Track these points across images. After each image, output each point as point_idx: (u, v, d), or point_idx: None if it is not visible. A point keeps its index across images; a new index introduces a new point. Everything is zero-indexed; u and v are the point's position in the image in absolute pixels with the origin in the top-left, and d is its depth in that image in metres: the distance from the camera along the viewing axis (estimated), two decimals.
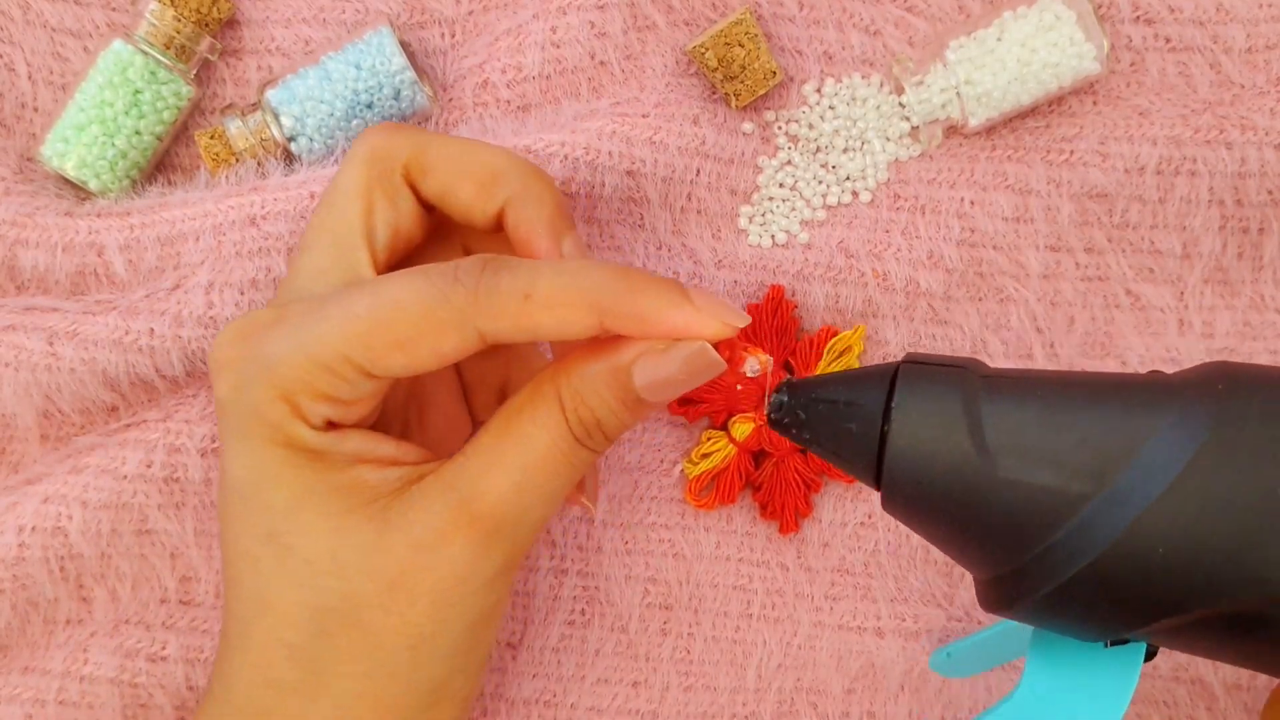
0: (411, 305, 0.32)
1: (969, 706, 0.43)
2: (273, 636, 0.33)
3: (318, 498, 0.33)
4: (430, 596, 0.33)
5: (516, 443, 0.33)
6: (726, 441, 0.42)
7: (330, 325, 0.32)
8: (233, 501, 0.34)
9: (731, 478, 0.42)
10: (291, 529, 0.33)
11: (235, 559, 0.34)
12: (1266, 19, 0.42)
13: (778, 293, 0.42)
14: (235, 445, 0.34)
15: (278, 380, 0.32)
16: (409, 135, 0.36)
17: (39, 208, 0.41)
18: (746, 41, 0.41)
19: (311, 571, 0.33)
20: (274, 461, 0.33)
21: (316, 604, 0.33)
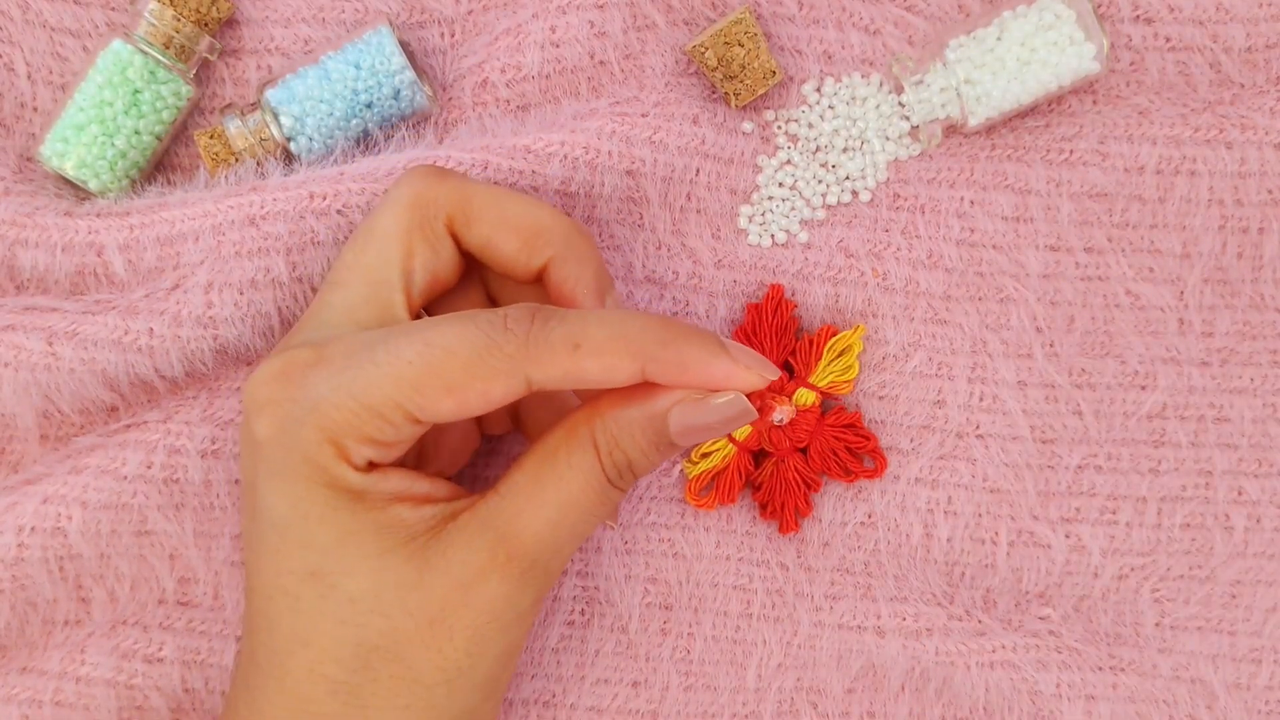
0: (462, 352, 0.33)
1: (969, 706, 0.43)
2: (314, 670, 0.34)
3: (359, 538, 0.34)
4: (468, 633, 0.34)
5: (552, 484, 0.34)
6: (726, 441, 0.42)
7: (380, 371, 0.33)
8: (269, 538, 0.34)
9: (731, 477, 0.42)
10: (335, 568, 0.33)
11: (272, 595, 0.34)
12: (1266, 18, 0.42)
13: (777, 292, 0.42)
14: (275, 484, 0.34)
15: (325, 423, 0.33)
16: (454, 183, 0.36)
17: (38, 207, 0.41)
18: (746, 41, 0.41)
19: (355, 610, 0.33)
20: (318, 502, 0.33)
21: (359, 640, 0.34)
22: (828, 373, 0.42)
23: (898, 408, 0.43)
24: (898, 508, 0.44)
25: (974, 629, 0.42)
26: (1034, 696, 0.42)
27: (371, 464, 0.34)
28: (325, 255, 0.40)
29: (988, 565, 0.44)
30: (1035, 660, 0.42)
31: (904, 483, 0.44)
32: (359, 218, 0.40)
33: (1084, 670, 0.42)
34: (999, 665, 0.42)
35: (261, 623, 0.35)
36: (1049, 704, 0.42)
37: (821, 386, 0.42)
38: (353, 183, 0.39)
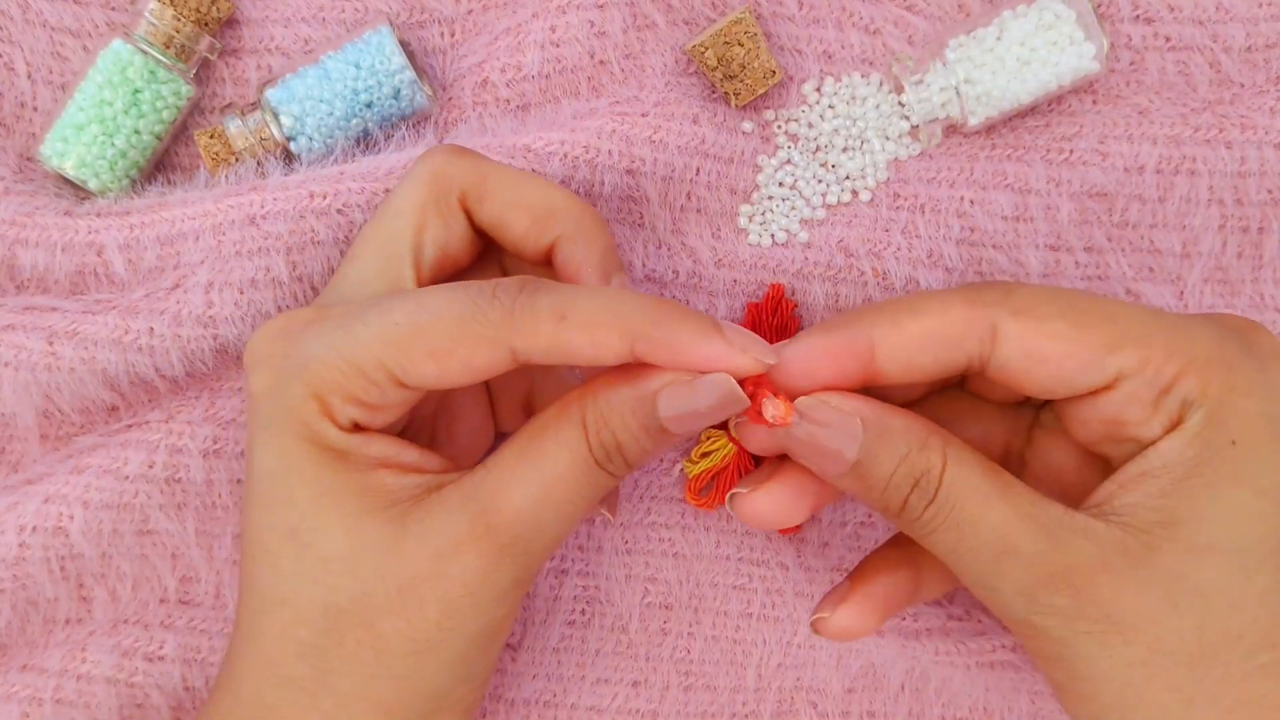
0: (448, 317, 0.33)
1: (968, 706, 0.43)
2: (286, 633, 0.34)
3: (338, 497, 0.33)
4: (439, 605, 0.33)
5: (538, 459, 0.33)
6: (726, 441, 0.42)
7: (367, 329, 0.33)
8: (257, 493, 0.34)
9: (731, 477, 0.42)
10: (311, 526, 0.33)
11: (255, 553, 0.34)
12: (1266, 18, 0.42)
13: (777, 291, 0.42)
14: (264, 438, 0.34)
15: (311, 378, 0.33)
16: (471, 161, 0.37)
17: (38, 207, 0.41)
18: (746, 40, 0.41)
19: (327, 570, 0.33)
20: (300, 457, 0.33)
21: (329, 602, 0.33)
22: None
23: None
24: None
25: (973, 629, 0.42)
26: (1034, 696, 0.42)
27: (357, 425, 0.34)
28: (325, 254, 0.40)
29: None
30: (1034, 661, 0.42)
31: None
32: (359, 217, 0.40)
33: None
34: (999, 665, 0.42)
35: (246, 583, 0.35)
36: (1049, 703, 0.42)
37: None
38: (353, 182, 0.39)
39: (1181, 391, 0.32)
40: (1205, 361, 0.32)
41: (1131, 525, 0.32)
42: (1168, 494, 0.32)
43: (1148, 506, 0.32)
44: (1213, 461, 0.32)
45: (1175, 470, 0.32)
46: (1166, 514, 0.32)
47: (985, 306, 0.33)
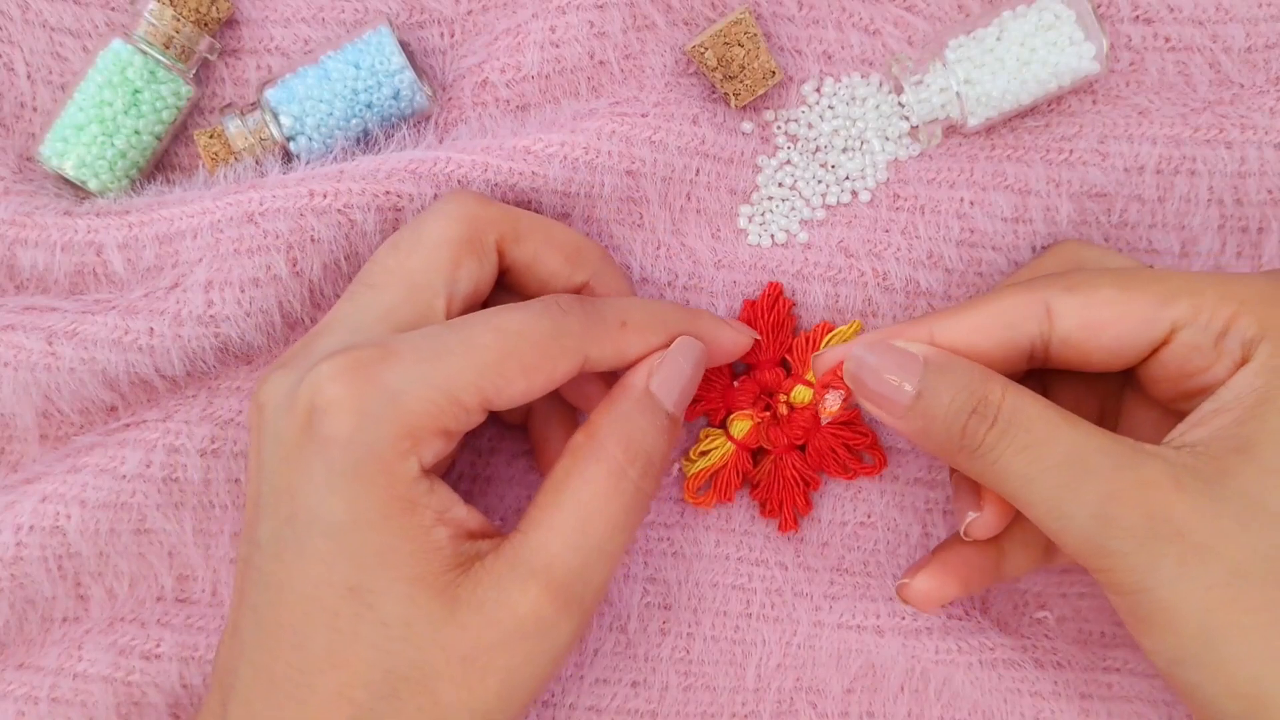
0: (534, 335, 0.35)
1: (968, 707, 0.43)
2: (341, 693, 0.33)
3: (399, 556, 0.33)
4: (501, 674, 0.33)
5: (572, 507, 0.35)
6: (725, 439, 0.42)
7: (459, 360, 0.34)
8: (316, 546, 0.33)
9: (729, 476, 0.42)
10: (374, 586, 0.33)
11: (308, 610, 0.33)
12: (1266, 18, 0.42)
13: (775, 290, 0.42)
14: (340, 485, 0.33)
15: (405, 415, 0.33)
16: (502, 207, 0.38)
17: (38, 207, 0.41)
18: (746, 41, 0.41)
19: (387, 635, 0.33)
20: (375, 508, 0.33)
21: (390, 667, 0.33)
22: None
23: None
24: (897, 507, 0.44)
25: (973, 628, 0.42)
26: (1034, 696, 0.42)
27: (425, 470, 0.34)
28: (325, 253, 0.40)
29: None
30: (1034, 659, 0.42)
31: (903, 482, 0.44)
32: (359, 216, 0.40)
33: (1080, 669, 0.42)
34: (999, 664, 0.42)
35: (288, 639, 0.33)
36: (1049, 703, 0.42)
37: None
38: (353, 181, 0.39)
39: (1239, 332, 0.34)
40: (1258, 301, 0.34)
41: (1205, 454, 0.33)
42: (1241, 422, 0.33)
43: (1221, 437, 0.33)
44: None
45: (1246, 400, 0.33)
46: (1239, 440, 0.32)
47: (1037, 290, 0.35)
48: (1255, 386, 0.33)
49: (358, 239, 0.40)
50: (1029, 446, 0.33)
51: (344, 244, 0.40)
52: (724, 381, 0.42)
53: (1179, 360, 0.35)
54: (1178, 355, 0.35)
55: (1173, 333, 0.34)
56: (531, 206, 0.42)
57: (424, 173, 0.40)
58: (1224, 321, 0.34)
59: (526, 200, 0.41)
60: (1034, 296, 0.35)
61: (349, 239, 0.40)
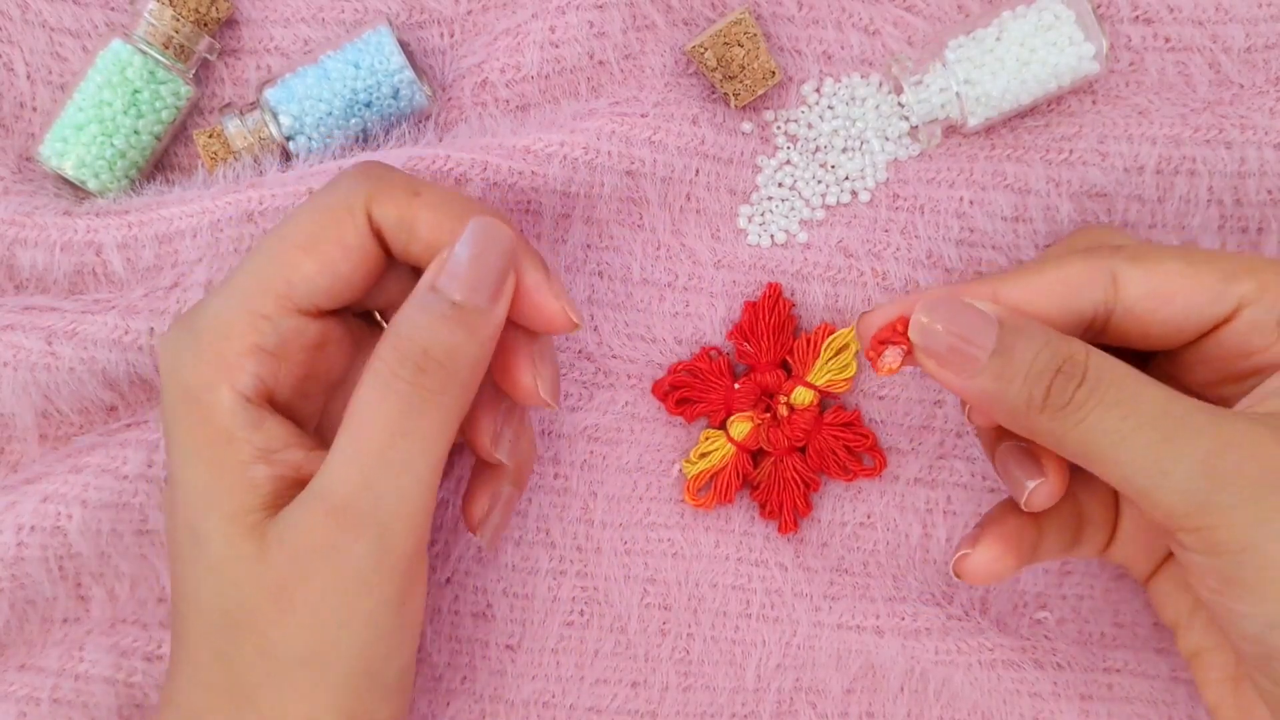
0: (307, 210, 0.34)
1: (967, 707, 0.43)
2: (202, 637, 0.33)
3: (218, 494, 0.33)
4: (309, 609, 0.32)
5: (348, 423, 0.32)
6: (725, 441, 0.42)
7: (245, 270, 0.34)
8: (169, 490, 0.34)
9: (729, 477, 0.42)
10: (202, 524, 0.33)
11: (173, 554, 0.34)
12: (1266, 18, 0.42)
13: (775, 290, 0.42)
14: (167, 428, 0.34)
15: (205, 341, 0.33)
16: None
17: (38, 207, 0.41)
18: (745, 41, 0.41)
19: (216, 574, 0.33)
20: (192, 443, 0.33)
21: (224, 607, 0.33)
22: (825, 371, 0.42)
23: (897, 408, 0.43)
24: (897, 507, 0.44)
25: (972, 628, 0.42)
26: (1034, 697, 0.42)
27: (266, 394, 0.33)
28: None
29: None
30: (1033, 660, 0.42)
31: (903, 483, 0.44)
32: None
33: (1080, 670, 0.42)
34: (999, 665, 0.42)
35: (173, 584, 0.35)
36: (1049, 704, 0.42)
37: (819, 385, 0.42)
38: None
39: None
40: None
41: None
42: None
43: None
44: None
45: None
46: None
47: (1102, 259, 0.35)
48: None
49: None
50: (1121, 403, 0.32)
51: None
52: (725, 383, 0.42)
53: (1240, 338, 0.34)
54: (1239, 332, 0.34)
55: (1238, 309, 0.34)
56: (532, 206, 0.42)
57: (422, 170, 0.40)
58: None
59: (527, 200, 0.41)
60: (1099, 264, 0.34)
61: None
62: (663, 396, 0.43)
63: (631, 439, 0.44)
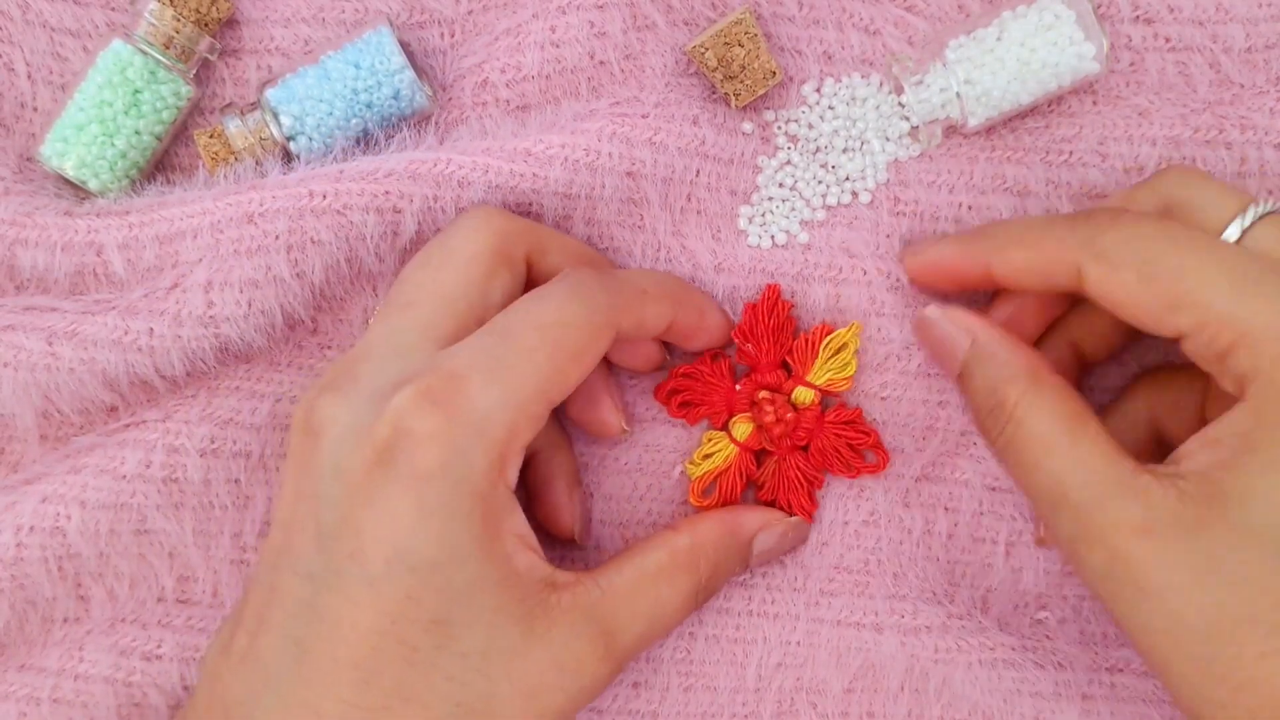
0: (574, 321, 0.35)
1: (968, 708, 0.43)
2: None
3: (484, 586, 0.33)
4: (554, 714, 0.34)
5: (654, 598, 0.37)
6: (728, 442, 0.42)
7: (521, 370, 0.34)
8: (402, 583, 0.32)
9: (733, 477, 0.42)
10: (460, 618, 0.33)
11: (383, 644, 0.32)
12: (1266, 18, 0.42)
13: (774, 292, 0.42)
14: (433, 523, 0.32)
15: (493, 442, 0.33)
16: (526, 221, 0.39)
17: (38, 207, 0.41)
18: (746, 41, 0.41)
19: (464, 666, 0.33)
20: (470, 540, 0.33)
21: (459, 700, 0.33)
22: (825, 370, 0.42)
23: (900, 409, 0.43)
24: (900, 506, 0.43)
25: (973, 627, 0.42)
26: (1034, 697, 0.42)
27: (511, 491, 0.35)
28: (326, 253, 0.40)
29: (987, 564, 0.44)
30: (1034, 660, 0.42)
31: (906, 480, 0.44)
32: (358, 217, 0.39)
33: (1082, 670, 0.42)
34: (999, 664, 0.42)
35: (348, 675, 0.33)
36: (1049, 704, 0.42)
37: (820, 384, 0.42)
38: (352, 181, 0.39)
39: (1236, 363, 0.33)
40: (1262, 332, 0.33)
41: (1191, 495, 0.33)
42: (1225, 466, 0.33)
43: (1208, 478, 0.33)
44: (1264, 441, 0.33)
45: (1234, 442, 0.33)
46: (1221, 488, 0.33)
47: (1073, 248, 0.36)
48: (1242, 431, 0.33)
49: (357, 241, 0.40)
50: (1020, 466, 0.36)
51: (344, 246, 0.40)
52: (726, 385, 0.42)
53: (1193, 357, 0.35)
54: (1190, 353, 0.35)
55: (1180, 338, 0.35)
56: (533, 209, 0.42)
57: (424, 174, 0.40)
58: (1224, 346, 0.34)
59: (528, 202, 0.41)
60: (1068, 254, 0.36)
61: (349, 240, 0.40)
62: (665, 399, 0.43)
63: (632, 440, 0.44)
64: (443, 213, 0.40)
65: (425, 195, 0.40)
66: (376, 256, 0.40)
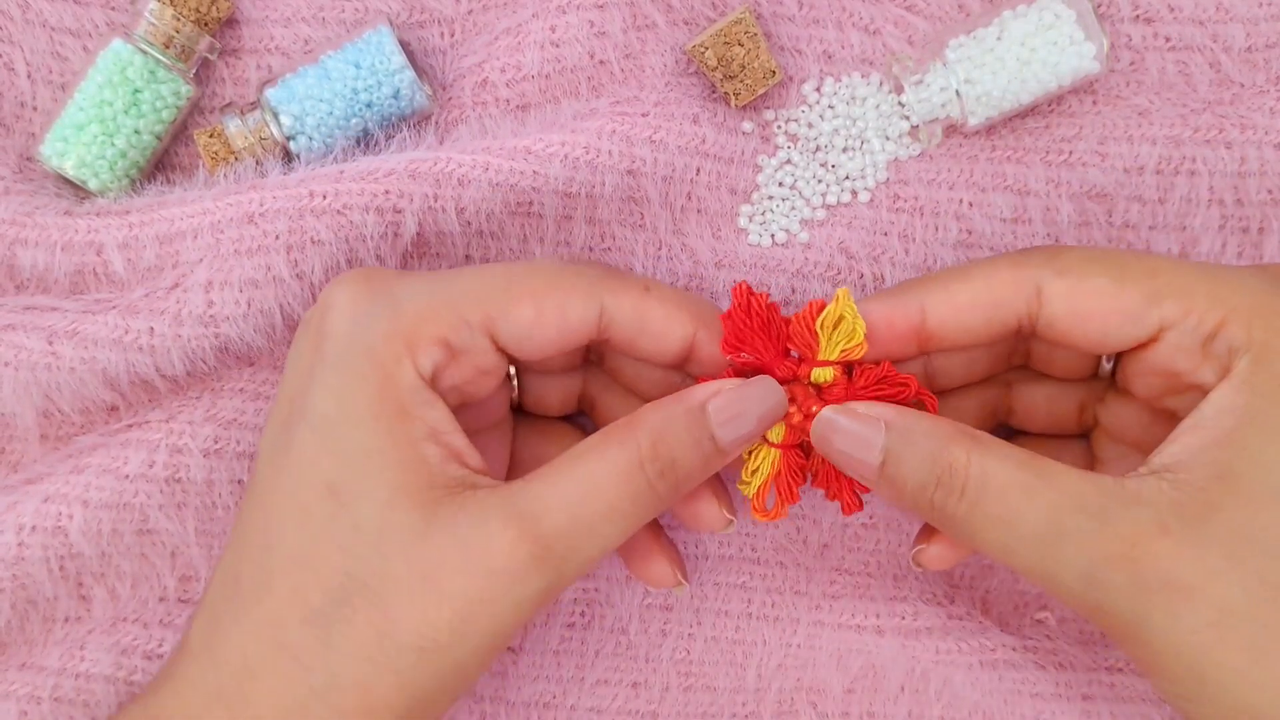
0: (546, 269, 0.35)
1: (968, 708, 0.43)
2: (297, 594, 0.33)
3: (384, 460, 0.33)
4: (457, 603, 0.32)
5: (583, 474, 0.34)
6: (767, 448, 0.40)
7: (465, 279, 0.35)
8: (303, 442, 0.34)
9: (786, 479, 0.39)
10: (353, 486, 0.33)
11: (283, 511, 0.33)
12: (1266, 18, 0.42)
13: (743, 290, 0.38)
14: (330, 378, 0.34)
15: (401, 316, 0.34)
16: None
17: (38, 207, 0.41)
18: (746, 40, 0.41)
19: (357, 537, 0.33)
20: (362, 403, 0.33)
21: (350, 572, 0.32)
22: (834, 344, 0.38)
23: None
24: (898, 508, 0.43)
25: (973, 628, 0.42)
26: (1035, 698, 0.42)
27: (434, 377, 0.34)
28: (326, 254, 0.40)
29: (987, 565, 0.44)
30: (1035, 661, 0.42)
31: None
32: (358, 217, 0.39)
33: (1082, 670, 0.42)
34: (1000, 665, 0.42)
35: (258, 542, 0.34)
36: (1049, 705, 0.42)
37: (834, 359, 0.38)
38: (352, 181, 0.39)
39: (1227, 338, 0.33)
40: (1249, 308, 0.33)
41: (1188, 483, 0.32)
42: (1222, 444, 0.32)
43: (1204, 460, 0.32)
44: (1264, 407, 0.32)
45: (1227, 419, 0.32)
46: (1222, 466, 0.32)
47: (1031, 268, 0.35)
48: (1236, 405, 0.32)
49: (357, 241, 0.40)
50: (1003, 519, 0.33)
51: (344, 246, 0.40)
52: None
53: (1165, 360, 0.34)
54: (1164, 355, 0.34)
55: (1160, 332, 0.34)
56: (534, 209, 0.42)
57: (424, 173, 0.40)
58: (1212, 326, 0.33)
59: (529, 203, 0.41)
60: (1025, 275, 0.35)
61: (349, 241, 0.40)
62: None
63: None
64: (443, 212, 0.40)
65: (425, 195, 0.40)
66: (377, 257, 0.40)
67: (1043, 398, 0.40)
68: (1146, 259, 0.35)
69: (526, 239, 0.43)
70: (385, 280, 0.35)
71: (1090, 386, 0.40)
